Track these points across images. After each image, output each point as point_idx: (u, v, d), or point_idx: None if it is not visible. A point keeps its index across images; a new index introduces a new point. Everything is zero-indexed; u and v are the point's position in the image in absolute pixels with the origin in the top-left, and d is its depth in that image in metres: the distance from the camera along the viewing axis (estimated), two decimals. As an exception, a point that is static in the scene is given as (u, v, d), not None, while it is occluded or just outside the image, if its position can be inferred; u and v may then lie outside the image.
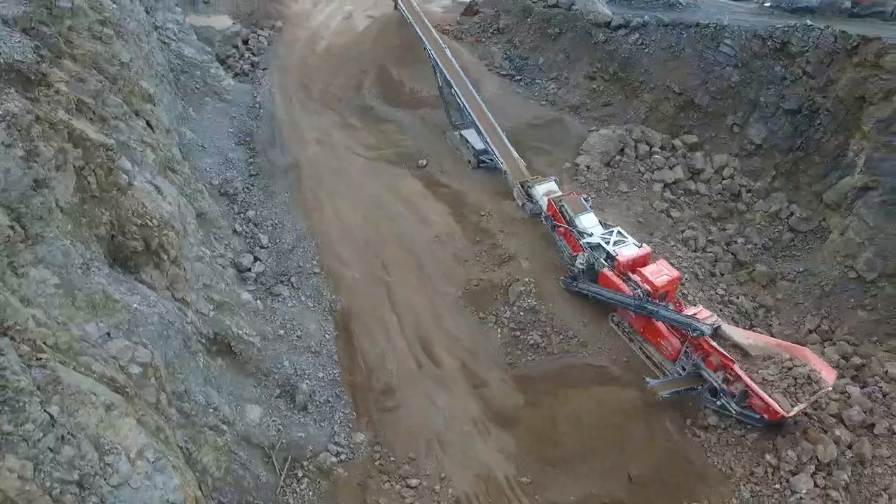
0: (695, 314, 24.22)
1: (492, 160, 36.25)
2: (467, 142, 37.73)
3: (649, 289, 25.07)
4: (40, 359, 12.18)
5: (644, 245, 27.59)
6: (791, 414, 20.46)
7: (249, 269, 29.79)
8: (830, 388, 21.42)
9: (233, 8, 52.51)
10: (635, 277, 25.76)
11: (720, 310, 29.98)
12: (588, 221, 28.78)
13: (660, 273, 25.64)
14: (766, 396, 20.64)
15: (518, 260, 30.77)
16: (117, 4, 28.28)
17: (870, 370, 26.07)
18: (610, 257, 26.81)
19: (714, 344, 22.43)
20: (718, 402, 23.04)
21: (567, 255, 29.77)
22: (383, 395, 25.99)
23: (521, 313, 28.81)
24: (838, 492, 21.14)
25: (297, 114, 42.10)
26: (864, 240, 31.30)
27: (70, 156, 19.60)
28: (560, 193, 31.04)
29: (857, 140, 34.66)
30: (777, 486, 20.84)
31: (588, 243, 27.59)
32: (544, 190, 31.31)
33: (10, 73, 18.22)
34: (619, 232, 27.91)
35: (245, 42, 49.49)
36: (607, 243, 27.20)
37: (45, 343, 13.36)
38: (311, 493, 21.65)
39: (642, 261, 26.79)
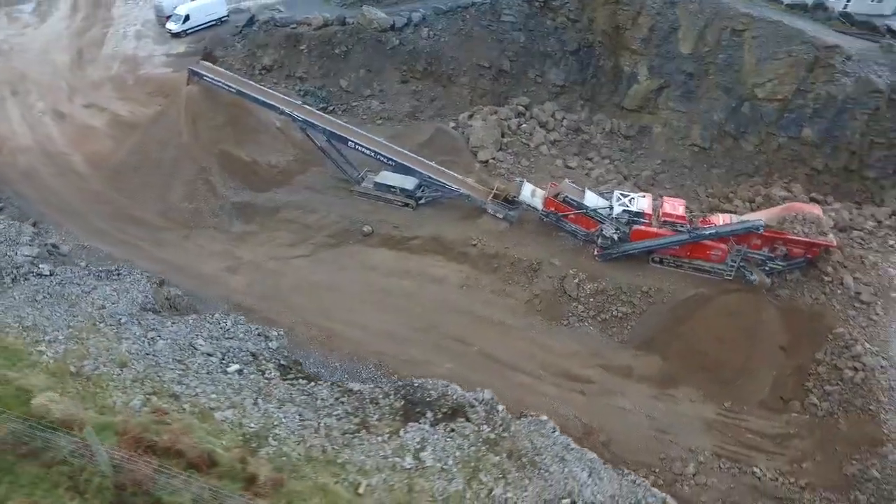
0: (724, 222, 31.02)
1: (423, 193, 35.27)
2: (391, 187, 35.25)
3: (683, 222, 30.76)
4: None
5: (644, 193, 32.75)
6: (836, 243, 29.79)
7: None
8: (822, 216, 31.22)
9: None
10: (667, 220, 30.94)
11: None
12: (592, 198, 32.19)
13: (675, 207, 31.42)
14: (821, 240, 29.23)
15: (547, 261, 32.40)
16: None
17: (773, 199, 37.85)
18: (638, 215, 31.17)
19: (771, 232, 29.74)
20: (766, 268, 30.99)
21: (581, 235, 32.82)
22: (589, 435, 26.09)
23: (591, 299, 31.34)
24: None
25: (157, 252, 31.61)
26: (687, 123, 43.03)
27: None
28: (539, 189, 33.22)
29: (628, 57, 45.69)
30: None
31: (615, 216, 31.16)
32: (529, 191, 32.97)
33: None
34: (621, 193, 32.25)
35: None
36: (627, 206, 31.33)
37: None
38: None
39: (652, 205, 32.01)
